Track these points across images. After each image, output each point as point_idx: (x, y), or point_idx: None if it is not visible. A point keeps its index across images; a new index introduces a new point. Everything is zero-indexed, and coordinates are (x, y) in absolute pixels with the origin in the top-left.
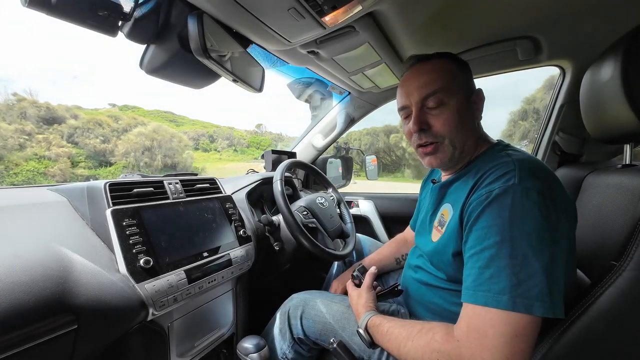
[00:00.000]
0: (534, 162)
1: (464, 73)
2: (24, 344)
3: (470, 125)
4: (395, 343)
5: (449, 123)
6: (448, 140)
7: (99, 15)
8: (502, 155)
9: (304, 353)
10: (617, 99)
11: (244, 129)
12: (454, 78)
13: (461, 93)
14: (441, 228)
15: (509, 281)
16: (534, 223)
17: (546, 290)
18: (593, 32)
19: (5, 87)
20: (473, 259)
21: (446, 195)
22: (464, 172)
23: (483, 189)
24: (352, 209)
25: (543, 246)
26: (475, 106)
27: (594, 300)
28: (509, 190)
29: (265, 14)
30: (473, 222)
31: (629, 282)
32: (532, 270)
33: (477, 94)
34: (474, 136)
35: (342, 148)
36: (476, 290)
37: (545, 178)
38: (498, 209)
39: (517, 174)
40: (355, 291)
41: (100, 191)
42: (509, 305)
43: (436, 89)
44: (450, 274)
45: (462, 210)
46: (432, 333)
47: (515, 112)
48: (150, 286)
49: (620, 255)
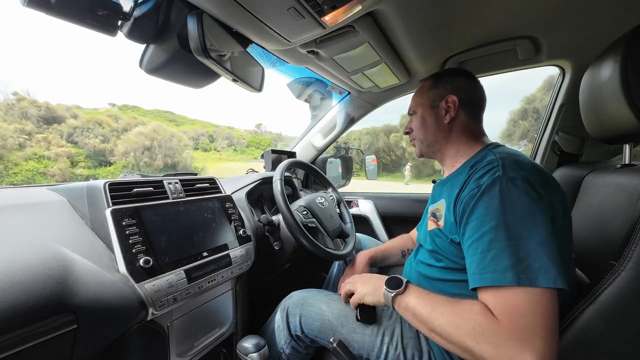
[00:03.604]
0: (516, 156)
1: (435, 87)
2: (23, 344)
3: (433, 126)
4: (433, 302)
5: (416, 126)
6: (417, 138)
7: (98, 14)
8: (490, 153)
9: (300, 350)
10: (617, 99)
11: (244, 129)
12: (423, 95)
13: (427, 104)
14: (436, 220)
15: (510, 260)
16: (523, 205)
17: (548, 264)
18: (593, 32)
19: (5, 87)
20: (473, 246)
21: (443, 192)
22: (459, 171)
23: (473, 183)
24: (352, 209)
25: (537, 224)
26: (443, 110)
27: (593, 299)
28: (495, 182)
29: (265, 13)
30: (468, 214)
31: (629, 281)
32: (529, 248)
33: (451, 99)
34: (441, 133)
35: (342, 148)
36: (482, 273)
37: (528, 168)
38: (489, 199)
39: (501, 167)
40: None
41: (99, 191)
42: (514, 280)
43: (412, 105)
44: (449, 260)
45: (455, 205)
46: (470, 304)
47: (515, 111)
48: (149, 286)
49: (619, 255)
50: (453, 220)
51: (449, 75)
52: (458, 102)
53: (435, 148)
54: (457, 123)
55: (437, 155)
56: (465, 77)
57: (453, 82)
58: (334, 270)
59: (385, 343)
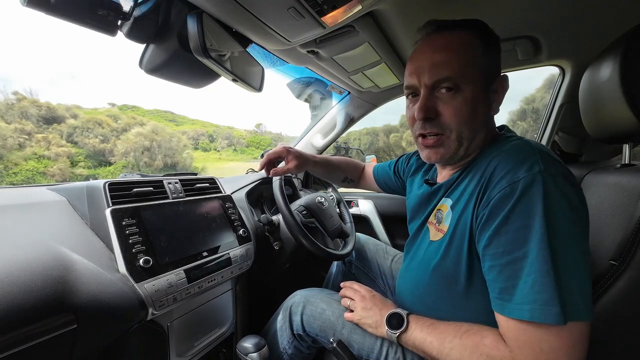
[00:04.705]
0: (546, 147)
1: (490, 52)
2: (23, 344)
3: (483, 118)
4: (440, 337)
5: (460, 114)
6: (455, 134)
7: (98, 14)
8: (515, 140)
9: (303, 350)
10: (616, 99)
11: (244, 129)
12: (475, 59)
13: (481, 79)
14: (439, 224)
15: (555, 289)
16: (567, 215)
17: (589, 290)
18: (593, 32)
19: (4, 86)
20: (504, 265)
21: (446, 195)
22: (470, 168)
23: (503, 179)
24: (352, 209)
25: (579, 241)
26: (495, 96)
27: (594, 300)
28: (536, 180)
29: (265, 13)
30: (501, 222)
31: (630, 281)
32: (574, 271)
33: (501, 82)
34: (484, 131)
35: (342, 147)
36: (518, 302)
37: (563, 162)
38: (528, 205)
39: (540, 160)
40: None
41: (99, 191)
42: (560, 318)
43: (450, 73)
44: (459, 278)
45: (476, 206)
46: (481, 336)
47: (514, 111)
48: (149, 286)
49: (619, 255)
50: (467, 225)
51: (489, 32)
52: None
53: (471, 148)
54: (492, 117)
55: (465, 155)
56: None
57: (498, 49)
58: (333, 270)
59: (385, 345)
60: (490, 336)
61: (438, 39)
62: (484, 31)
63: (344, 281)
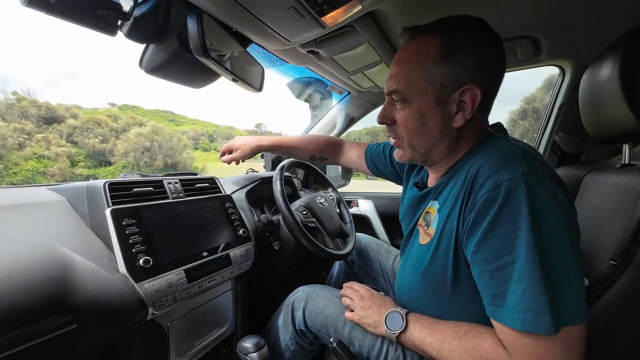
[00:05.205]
0: (532, 148)
1: (453, 58)
2: (23, 344)
3: (437, 130)
4: (439, 338)
5: (407, 125)
6: (407, 142)
7: (98, 14)
8: (500, 142)
9: (305, 346)
10: (616, 99)
11: (244, 129)
12: (428, 69)
13: (433, 91)
14: (427, 228)
15: (545, 298)
16: (555, 219)
17: (583, 292)
18: (593, 32)
19: (4, 86)
20: (493, 271)
21: (434, 198)
22: (454, 171)
23: (487, 182)
24: (352, 209)
25: (570, 244)
26: (461, 107)
27: (594, 300)
28: (519, 182)
29: (265, 13)
30: (487, 228)
31: (630, 281)
32: (566, 275)
33: (465, 93)
34: (447, 141)
35: None
36: (510, 310)
37: (548, 165)
38: (514, 209)
39: (524, 162)
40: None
41: (99, 191)
42: (552, 327)
43: (398, 86)
44: (446, 282)
45: (461, 211)
46: (480, 339)
47: (515, 111)
48: (149, 286)
49: (619, 255)
50: (452, 230)
51: (465, 31)
52: (481, 95)
53: (434, 157)
54: (471, 123)
55: (430, 161)
56: (485, 34)
57: (474, 53)
58: (334, 269)
59: (385, 343)
60: (489, 339)
61: (401, 50)
62: (449, 33)
63: (346, 281)
